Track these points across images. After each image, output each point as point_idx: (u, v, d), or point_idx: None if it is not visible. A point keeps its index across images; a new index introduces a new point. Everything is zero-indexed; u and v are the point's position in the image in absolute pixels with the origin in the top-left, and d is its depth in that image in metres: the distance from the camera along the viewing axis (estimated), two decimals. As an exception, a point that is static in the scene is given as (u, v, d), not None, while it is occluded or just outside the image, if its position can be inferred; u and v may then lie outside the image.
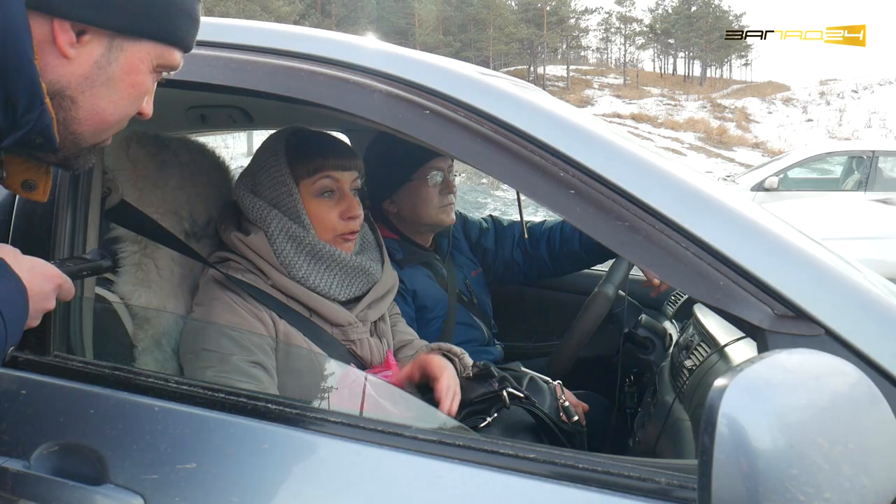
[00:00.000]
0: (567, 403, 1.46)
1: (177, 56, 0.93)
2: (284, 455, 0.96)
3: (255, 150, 1.51)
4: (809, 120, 35.82)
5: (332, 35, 1.17)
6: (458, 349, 1.51)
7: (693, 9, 59.78)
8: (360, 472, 0.93)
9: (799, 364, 0.67)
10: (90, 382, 1.05)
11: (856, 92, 39.29)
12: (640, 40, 66.83)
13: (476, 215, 2.35)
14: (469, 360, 1.49)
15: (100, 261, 1.10)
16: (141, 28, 0.86)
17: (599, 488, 0.86)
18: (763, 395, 0.63)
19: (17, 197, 1.16)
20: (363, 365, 1.44)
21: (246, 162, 1.55)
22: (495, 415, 1.26)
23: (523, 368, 1.49)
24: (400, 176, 1.97)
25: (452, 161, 2.02)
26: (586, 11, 64.69)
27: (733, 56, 66.89)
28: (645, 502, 0.85)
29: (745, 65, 73.04)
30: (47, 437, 1.02)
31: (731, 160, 24.90)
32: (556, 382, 1.48)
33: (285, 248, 1.39)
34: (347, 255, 1.43)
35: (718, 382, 0.65)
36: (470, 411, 1.27)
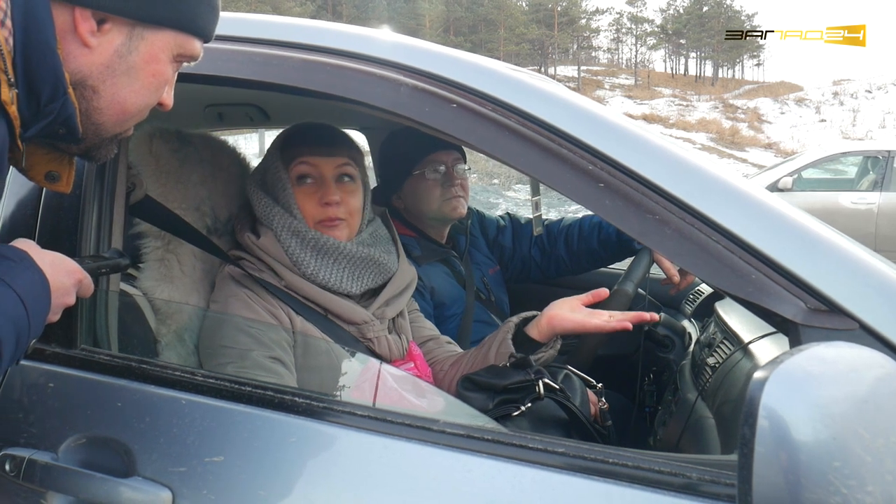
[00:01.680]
0: (605, 407, 1.45)
1: (197, 45, 0.93)
2: (311, 448, 0.96)
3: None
4: (822, 120, 35.60)
5: (357, 30, 1.18)
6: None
7: (705, 9, 59.58)
8: (388, 466, 0.92)
9: (838, 356, 0.66)
10: (117, 375, 1.05)
11: (869, 92, 39.01)
12: (651, 41, 66.65)
13: (492, 213, 2.35)
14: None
15: (118, 259, 1.11)
16: (161, 16, 0.87)
17: (629, 483, 0.85)
18: (804, 387, 0.62)
19: (44, 191, 1.16)
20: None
21: (257, 161, 1.57)
22: (529, 404, 1.25)
23: (570, 367, 1.48)
24: (403, 171, 1.99)
25: (462, 154, 2.03)
26: (597, 12, 64.61)
27: (745, 56, 66.57)
28: (675, 497, 0.84)
29: (758, 65, 72.69)
30: (75, 430, 1.02)
31: (744, 161, 24.79)
32: (599, 385, 1.48)
33: (291, 245, 1.39)
34: (343, 242, 1.41)
35: (758, 374, 0.64)
36: (503, 399, 1.27)
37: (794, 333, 0.84)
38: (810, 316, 0.84)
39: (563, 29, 56.65)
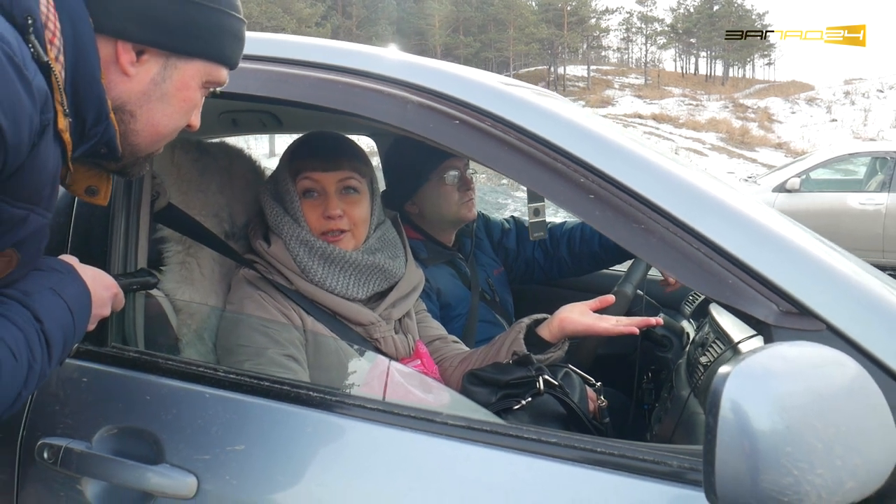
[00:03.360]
0: (604, 405, 1.53)
1: (224, 73, 1.02)
2: (324, 438, 1.05)
3: (277, 152, 1.60)
4: (834, 120, 35.38)
5: (367, 49, 1.26)
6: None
7: (715, 8, 59.31)
8: (395, 454, 1.01)
9: (798, 355, 0.74)
10: (146, 371, 1.14)
11: (881, 91, 38.73)
12: (661, 40, 66.43)
13: (497, 216, 2.42)
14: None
15: (147, 277, 1.23)
16: (193, 48, 0.95)
17: (616, 470, 0.93)
18: (763, 382, 0.70)
19: (76, 200, 1.25)
20: (390, 361, 1.51)
21: (268, 163, 1.64)
22: (529, 399, 1.33)
23: (570, 366, 1.56)
24: (418, 177, 2.05)
25: (467, 159, 2.10)
26: (607, 11, 64.44)
27: (756, 55, 66.20)
28: (659, 484, 0.91)
29: (768, 64, 72.25)
30: (107, 421, 1.11)
31: (754, 161, 24.70)
32: (598, 384, 1.55)
33: (299, 253, 1.46)
34: (348, 251, 1.48)
35: (723, 370, 0.72)
36: (505, 394, 1.35)
37: (767, 334, 0.92)
38: (781, 318, 0.91)
39: (573, 28, 56.59)
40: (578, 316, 1.57)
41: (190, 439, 1.06)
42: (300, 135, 1.68)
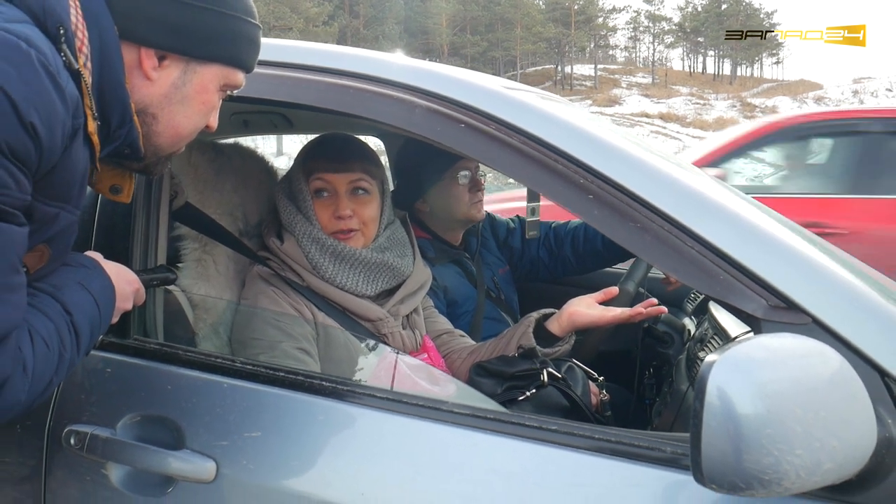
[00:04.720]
0: (606, 399, 1.58)
1: (240, 77, 1.07)
2: (336, 426, 1.10)
3: (284, 151, 1.66)
4: (842, 119, 35.21)
5: (377, 55, 1.31)
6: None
7: (723, 6, 59.13)
8: (403, 441, 1.06)
9: (780, 345, 0.79)
10: (167, 362, 1.20)
11: (890, 90, 38.56)
12: (669, 39, 66.28)
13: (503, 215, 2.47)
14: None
15: (166, 273, 1.30)
16: (211, 53, 1.01)
17: (614, 456, 0.98)
18: (746, 370, 0.75)
19: (100, 199, 1.31)
20: (397, 355, 1.56)
21: (275, 162, 1.70)
22: (533, 390, 1.38)
23: (574, 360, 1.61)
24: (431, 177, 2.10)
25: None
26: (614, 10, 64.36)
27: (764, 54, 65.93)
28: (655, 469, 0.96)
29: (776, 63, 71.94)
30: (131, 409, 1.17)
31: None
32: (601, 378, 1.60)
33: (311, 250, 1.51)
34: (358, 249, 1.53)
35: (709, 358, 0.77)
36: (510, 385, 1.40)
37: (757, 327, 0.97)
38: (770, 312, 0.96)
39: (580, 27, 56.56)
40: (586, 308, 1.63)
41: (209, 426, 1.12)
42: (309, 135, 1.73)
